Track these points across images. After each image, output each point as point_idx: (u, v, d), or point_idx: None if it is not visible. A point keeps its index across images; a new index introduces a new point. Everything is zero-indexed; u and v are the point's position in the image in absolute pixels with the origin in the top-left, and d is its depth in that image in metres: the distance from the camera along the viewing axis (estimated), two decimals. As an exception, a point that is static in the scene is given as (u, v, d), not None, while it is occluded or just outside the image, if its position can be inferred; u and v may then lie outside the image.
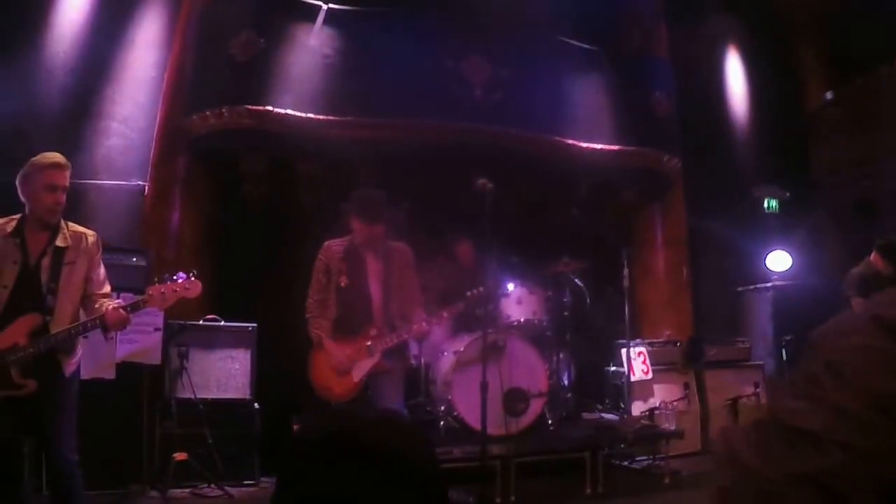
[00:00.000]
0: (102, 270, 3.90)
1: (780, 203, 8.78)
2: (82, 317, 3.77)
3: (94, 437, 4.46)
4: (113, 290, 4.01)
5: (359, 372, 4.72)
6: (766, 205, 8.78)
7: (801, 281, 8.15)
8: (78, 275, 3.76)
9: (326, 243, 4.97)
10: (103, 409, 5.01)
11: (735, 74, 9.31)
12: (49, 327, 3.62)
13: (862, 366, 0.66)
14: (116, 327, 3.75)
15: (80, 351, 3.83)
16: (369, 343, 4.73)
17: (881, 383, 0.64)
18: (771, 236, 8.59)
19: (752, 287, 8.33)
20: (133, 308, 3.75)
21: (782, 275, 8.33)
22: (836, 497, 0.62)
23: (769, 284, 8.16)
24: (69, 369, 3.71)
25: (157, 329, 5.52)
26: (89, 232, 3.89)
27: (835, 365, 0.67)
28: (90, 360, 4.85)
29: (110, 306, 3.70)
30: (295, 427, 5.47)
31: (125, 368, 5.39)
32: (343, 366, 4.74)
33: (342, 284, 4.81)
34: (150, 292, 3.80)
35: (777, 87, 9.18)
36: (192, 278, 3.89)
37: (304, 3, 6.67)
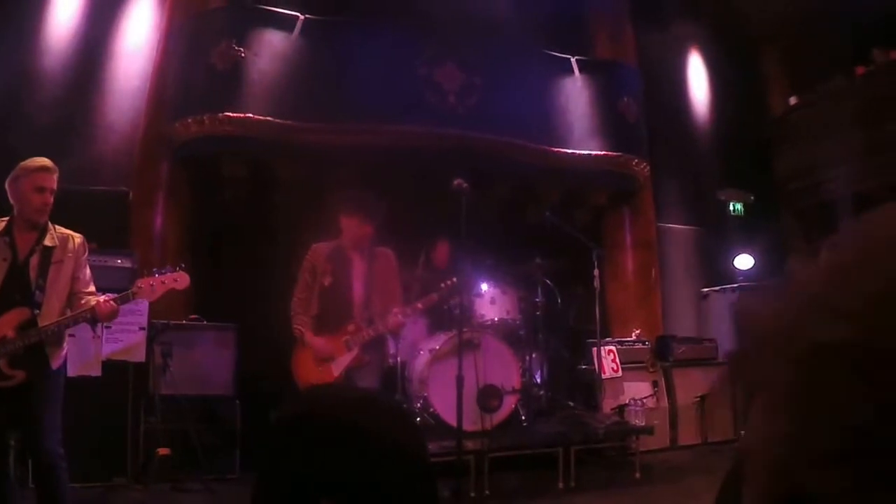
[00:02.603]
0: (88, 271, 4.00)
1: (744, 206, 8.94)
2: (69, 313, 3.87)
3: (80, 431, 4.54)
4: (99, 289, 4.07)
5: (338, 366, 4.85)
6: (731, 208, 8.93)
7: (764, 282, 8.35)
8: (65, 273, 3.86)
9: (314, 245, 5.09)
10: (89, 405, 5.09)
11: (699, 80, 9.47)
12: (37, 321, 3.72)
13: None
14: (106, 319, 3.86)
15: (66, 345, 3.92)
16: (347, 338, 4.87)
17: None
18: (736, 238, 8.74)
19: (717, 288, 8.46)
20: (122, 300, 3.85)
21: (746, 276, 8.47)
22: (857, 368, 0.62)
23: (734, 285, 8.29)
24: (56, 362, 3.80)
25: (141, 328, 5.60)
26: (76, 234, 3.99)
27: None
28: (77, 358, 4.95)
29: (100, 299, 3.82)
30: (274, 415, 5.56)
31: (110, 366, 5.47)
32: (323, 354, 4.88)
33: (326, 284, 4.93)
34: (140, 285, 3.92)
35: (741, 92, 9.33)
36: (180, 271, 4.02)
37: (282, 13, 6.81)
